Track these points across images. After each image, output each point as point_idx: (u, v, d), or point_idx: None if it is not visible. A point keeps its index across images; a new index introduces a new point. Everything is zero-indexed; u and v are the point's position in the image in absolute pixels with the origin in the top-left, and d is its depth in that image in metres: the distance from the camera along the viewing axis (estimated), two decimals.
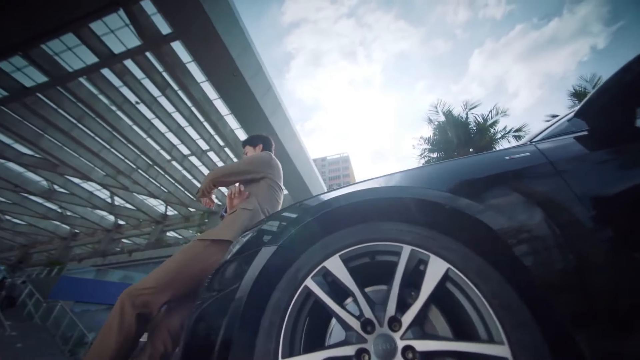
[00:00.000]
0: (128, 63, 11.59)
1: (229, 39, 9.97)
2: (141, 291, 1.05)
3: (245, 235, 0.80)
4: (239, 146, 15.29)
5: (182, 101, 13.12)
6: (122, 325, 0.98)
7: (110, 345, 0.95)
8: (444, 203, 0.57)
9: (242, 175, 1.48)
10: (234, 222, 1.23)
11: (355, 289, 0.54)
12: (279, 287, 0.58)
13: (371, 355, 0.47)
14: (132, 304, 1.02)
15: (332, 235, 0.63)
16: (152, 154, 15.36)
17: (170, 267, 1.12)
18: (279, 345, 0.50)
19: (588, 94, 0.76)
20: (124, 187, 17.89)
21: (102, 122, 13.87)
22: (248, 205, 1.32)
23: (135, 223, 22.67)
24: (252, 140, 1.86)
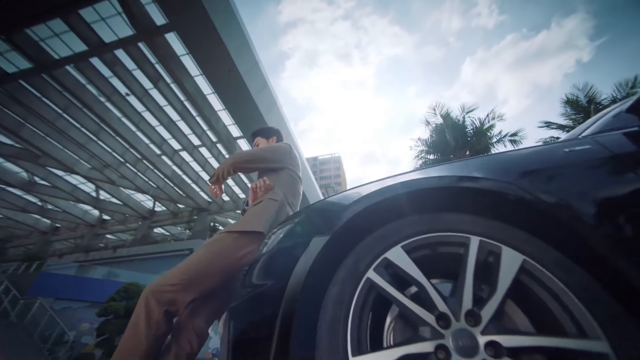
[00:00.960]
0: (119, 53, 11.21)
1: (225, 33, 9.80)
2: (166, 288, 0.98)
3: (287, 224, 0.76)
4: (232, 142, 15.07)
5: (174, 94, 12.80)
6: (150, 323, 0.92)
7: (141, 344, 0.89)
8: (513, 194, 0.55)
9: (263, 163, 1.42)
10: (261, 213, 1.18)
11: (424, 281, 0.51)
12: (336, 279, 0.54)
13: (451, 351, 0.44)
14: (158, 301, 0.96)
15: (390, 225, 0.60)
16: (141, 148, 14.92)
17: (196, 262, 1.05)
18: (346, 341, 0.46)
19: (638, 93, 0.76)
20: (111, 181, 17.32)
21: (89, 113, 13.38)
22: (274, 196, 1.27)
23: (121, 218, 21.99)
24: (264, 131, 1.78)
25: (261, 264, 0.68)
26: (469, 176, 0.60)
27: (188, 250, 17.07)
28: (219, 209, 20.26)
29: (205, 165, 16.60)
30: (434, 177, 0.64)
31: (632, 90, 5.69)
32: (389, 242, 0.56)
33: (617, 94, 5.91)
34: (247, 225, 1.12)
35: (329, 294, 0.53)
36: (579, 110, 6.25)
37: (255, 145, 1.73)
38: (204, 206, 19.82)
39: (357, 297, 0.51)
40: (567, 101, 6.40)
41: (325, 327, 0.48)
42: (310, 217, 0.71)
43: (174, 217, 20.57)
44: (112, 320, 9.46)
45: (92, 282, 14.34)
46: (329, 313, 0.50)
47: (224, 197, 20.15)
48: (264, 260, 0.68)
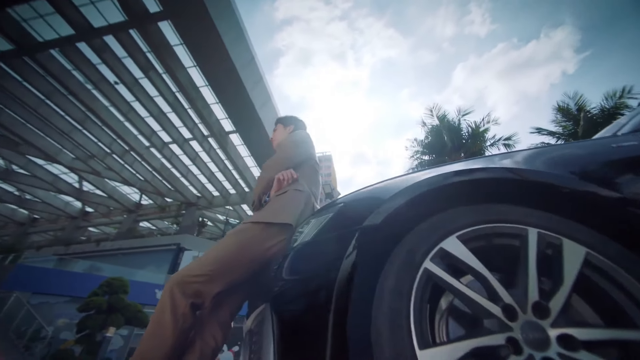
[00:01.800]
0: (109, 39, 10.80)
1: (222, 24, 9.58)
2: (192, 279, 0.94)
3: (325, 214, 0.72)
4: (224, 137, 14.82)
5: (166, 85, 12.44)
6: (176, 316, 0.87)
7: (167, 339, 0.84)
8: (571, 187, 0.54)
9: (292, 162, 1.37)
10: (288, 205, 1.14)
11: (486, 272, 0.49)
12: (390, 269, 0.52)
13: (521, 344, 0.42)
14: (183, 292, 0.91)
15: (442, 215, 0.58)
16: (129, 139, 14.46)
17: (222, 252, 1.00)
18: (411, 334, 0.44)
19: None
20: (95, 172, 16.71)
21: (74, 100, 12.84)
22: (299, 187, 1.24)
23: (105, 211, 21.27)
24: (284, 119, 1.75)
25: (304, 254, 0.65)
26: (523, 168, 0.59)
27: (175, 246, 16.71)
28: (209, 204, 19.90)
29: (196, 159, 16.25)
30: (493, 168, 0.62)
31: (619, 100, 5.96)
32: (443, 232, 0.54)
33: (606, 104, 6.17)
34: (275, 216, 1.08)
35: (385, 284, 0.50)
36: (569, 117, 6.51)
37: (274, 131, 1.71)
38: (192, 201, 19.42)
39: (415, 288, 0.48)
40: (559, 108, 6.65)
41: (384, 319, 0.46)
42: (353, 207, 0.68)
43: (161, 211, 20.07)
44: (94, 316, 9.15)
45: (72, 276, 13.82)
46: (386, 305, 0.47)
47: (214, 193, 19.81)
48: (307, 250, 0.65)
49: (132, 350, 11.71)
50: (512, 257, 0.53)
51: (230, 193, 19.80)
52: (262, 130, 13.72)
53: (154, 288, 13.38)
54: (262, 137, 14.03)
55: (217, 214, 22.58)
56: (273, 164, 1.34)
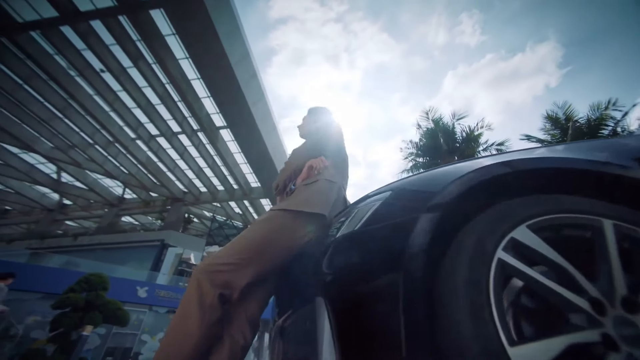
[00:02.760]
0: (96, 25, 10.32)
1: (217, 16, 9.35)
2: (220, 267, 0.87)
3: (374, 201, 0.68)
4: (214, 132, 14.50)
5: (155, 76, 12.03)
6: (203, 308, 0.80)
7: (193, 333, 0.77)
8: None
9: (325, 150, 1.32)
10: (320, 194, 1.08)
11: (566, 264, 0.46)
12: (459, 260, 0.48)
13: (617, 341, 0.39)
14: (211, 282, 0.84)
15: (509, 203, 0.55)
16: (114, 130, 13.89)
17: (252, 240, 0.94)
18: (497, 330, 0.40)
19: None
20: (76, 163, 15.96)
21: (55, 87, 12.20)
22: (331, 177, 1.19)
23: (84, 204, 20.35)
24: (313, 110, 1.68)
25: (357, 244, 0.61)
26: (596, 160, 0.57)
27: (159, 242, 16.20)
28: (195, 200, 19.42)
29: (184, 153, 15.81)
30: (551, 158, 0.60)
31: (605, 112, 6.27)
32: (512, 221, 0.51)
33: (592, 114, 6.48)
34: (307, 205, 1.02)
35: (457, 276, 0.46)
36: (558, 126, 6.80)
37: (303, 119, 1.64)
38: (179, 196, 18.89)
39: (492, 279, 0.45)
40: (548, 117, 6.93)
41: (463, 314, 0.42)
42: (408, 194, 0.64)
43: (145, 206, 19.39)
44: (69, 313, 8.69)
45: (46, 272, 13.10)
46: (463, 297, 0.43)
47: (201, 189, 19.36)
48: (361, 239, 0.61)
49: (109, 350, 11.29)
50: (581, 250, 0.50)
51: (218, 190, 19.41)
52: (254, 127, 13.51)
53: (135, 285, 12.90)
54: (253, 134, 13.83)
55: (203, 210, 22.08)
56: (303, 151, 1.29)
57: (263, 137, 14.11)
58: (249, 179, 18.30)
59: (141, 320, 13.10)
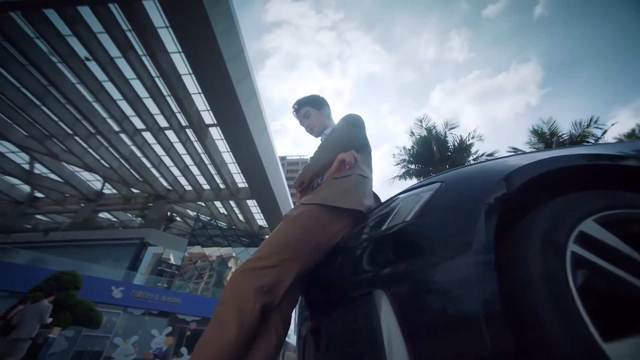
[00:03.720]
0: (84, 11, 9.90)
1: (214, 12, 9.20)
2: (262, 271, 0.81)
3: (425, 191, 0.67)
4: (203, 129, 14.17)
5: (145, 69, 11.66)
6: (242, 319, 0.74)
7: (228, 341, 0.71)
8: None
9: (354, 144, 1.27)
10: (354, 189, 1.05)
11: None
12: (528, 252, 0.47)
13: None
14: (253, 287, 0.78)
15: (574, 196, 0.54)
16: (97, 121, 13.29)
17: (289, 237, 0.89)
18: (586, 325, 0.39)
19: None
20: (53, 154, 15.11)
21: (34, 72, 11.56)
22: (363, 172, 1.16)
23: (58, 198, 19.25)
24: (314, 101, 1.53)
25: (413, 236, 0.59)
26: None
27: (138, 240, 15.54)
28: (179, 199, 18.82)
29: (170, 149, 15.34)
30: (615, 154, 0.59)
31: (587, 129, 6.67)
32: (579, 213, 0.50)
33: (574, 131, 6.87)
34: (341, 200, 0.98)
35: (531, 269, 0.45)
36: (543, 140, 7.16)
37: (305, 117, 1.51)
38: (162, 193, 18.25)
39: (570, 273, 0.43)
40: (534, 131, 7.29)
41: (547, 308, 0.40)
42: (464, 184, 0.63)
43: (125, 202, 18.60)
44: None
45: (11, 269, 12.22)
46: (543, 291, 0.42)
47: (186, 187, 18.81)
48: (418, 231, 0.59)
49: (76, 354, 10.60)
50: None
51: (204, 188, 18.92)
52: (245, 126, 13.30)
53: (110, 285, 12.27)
54: (244, 133, 13.60)
55: (187, 209, 21.44)
56: (332, 144, 1.22)
57: (253, 137, 13.91)
58: (236, 179, 17.96)
59: (114, 322, 12.43)
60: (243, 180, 17.52)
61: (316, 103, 1.53)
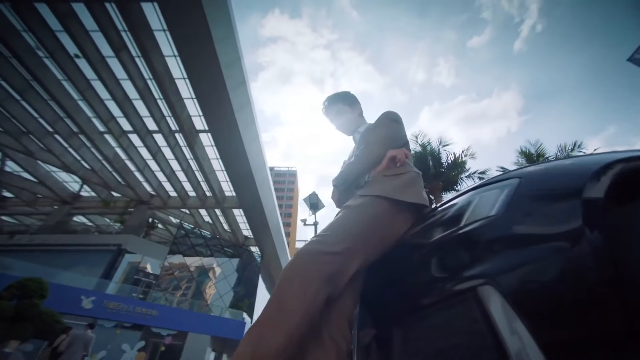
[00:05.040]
0: (78, 7, 9.69)
1: (213, 18, 9.23)
2: (328, 257, 0.75)
3: (500, 187, 0.65)
4: (193, 135, 13.89)
5: (137, 70, 11.42)
6: (306, 300, 0.67)
7: (291, 326, 0.63)
8: None
9: (399, 141, 1.24)
10: (414, 185, 1.02)
11: None
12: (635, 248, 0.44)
13: None
14: (318, 272, 0.71)
15: None
16: (80, 120, 12.75)
17: (355, 226, 0.83)
18: None
19: None
20: (28, 151, 14.29)
21: (16, 65, 11.07)
22: (415, 169, 1.14)
23: (29, 198, 18.06)
24: (346, 98, 1.48)
25: (510, 230, 0.55)
26: None
27: (115, 246, 14.69)
28: (162, 205, 18.10)
29: (157, 153, 14.87)
30: None
31: (571, 152, 7.05)
32: None
33: (559, 154, 7.25)
34: (407, 194, 0.93)
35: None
36: (530, 161, 7.48)
37: (338, 115, 1.46)
38: (144, 198, 17.51)
39: None
40: (522, 152, 7.64)
41: None
42: (551, 179, 0.60)
43: (104, 206, 17.66)
44: None
45: None
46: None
47: (170, 192, 18.17)
48: (524, 222, 0.55)
49: None
50: None
51: (189, 195, 18.34)
52: (236, 134, 13.14)
53: (80, 294, 11.41)
54: (235, 141, 13.43)
55: (170, 216, 20.63)
56: (381, 141, 1.17)
57: (244, 145, 13.74)
58: (223, 187, 17.56)
59: None
60: (231, 189, 17.15)
61: (349, 100, 1.49)
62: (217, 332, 14.41)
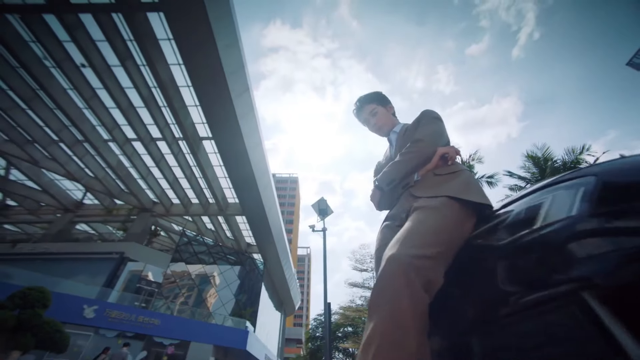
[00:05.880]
0: (86, 18, 9.87)
1: (219, 29, 9.37)
2: (423, 261, 0.71)
3: (574, 184, 0.61)
4: (197, 142, 13.95)
5: (142, 78, 11.55)
6: (416, 313, 0.62)
7: (411, 349, 0.58)
8: None
9: (445, 139, 1.22)
10: (474, 184, 0.98)
11: None
12: None
13: None
14: (418, 277, 0.67)
15: None
16: (85, 129, 12.85)
17: (438, 229, 0.80)
18: None
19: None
20: (33, 160, 14.36)
21: (24, 75, 11.22)
22: (463, 166, 1.11)
23: (33, 207, 18.08)
24: (378, 98, 1.47)
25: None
26: None
27: (117, 254, 14.60)
28: (165, 212, 18.06)
29: (160, 161, 14.91)
30: None
31: (580, 156, 7.00)
32: None
33: (567, 157, 7.20)
34: (472, 194, 0.90)
35: None
36: (537, 165, 7.43)
37: (372, 115, 1.43)
38: (147, 206, 17.49)
39: None
40: (529, 156, 7.58)
41: None
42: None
43: (107, 214, 17.64)
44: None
45: None
46: None
47: (173, 200, 18.15)
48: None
49: None
50: None
51: (192, 202, 18.31)
52: (240, 141, 13.19)
53: (82, 303, 11.29)
54: (238, 148, 13.47)
55: (173, 223, 20.56)
56: (430, 138, 1.13)
57: (247, 152, 13.78)
58: (226, 194, 17.54)
59: (82, 346, 11.31)
60: (234, 196, 17.12)
61: (382, 100, 1.47)
62: (220, 341, 14.17)
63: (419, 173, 1.11)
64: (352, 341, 19.22)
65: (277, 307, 29.34)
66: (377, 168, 1.47)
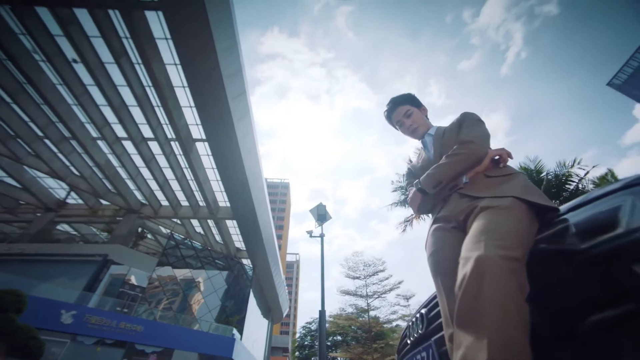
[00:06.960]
0: (81, 13, 9.66)
1: (218, 30, 9.33)
2: (514, 265, 0.66)
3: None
4: (189, 143, 13.71)
5: (137, 77, 11.33)
6: (521, 317, 0.59)
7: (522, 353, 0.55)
8: None
9: (488, 140, 1.19)
10: (533, 186, 0.95)
11: None
12: None
13: None
14: (516, 283, 0.64)
15: None
16: (73, 125, 12.43)
17: (518, 229, 0.76)
18: None
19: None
20: (14, 156, 13.75)
21: (11, 67, 10.81)
22: (516, 169, 1.08)
23: (11, 205, 17.22)
24: (412, 99, 1.45)
25: None
26: None
27: (100, 257, 14.01)
28: (153, 214, 17.54)
29: (151, 161, 14.54)
30: None
31: (571, 169, 7.23)
32: None
33: (558, 170, 7.42)
34: (538, 197, 0.87)
35: None
36: (529, 177, 7.60)
37: (407, 116, 1.40)
38: (135, 207, 16.94)
39: None
40: (522, 168, 7.75)
41: None
42: None
43: (91, 214, 16.97)
44: None
45: None
46: None
47: (162, 202, 17.67)
48: None
49: None
50: None
51: (182, 205, 17.87)
52: (234, 144, 13.04)
53: (60, 308, 10.71)
54: (232, 151, 13.30)
55: (160, 226, 19.97)
56: (481, 140, 1.10)
57: (242, 155, 13.62)
58: (217, 197, 17.22)
59: (56, 354, 10.67)
60: (225, 199, 16.82)
61: (415, 101, 1.44)
62: (205, 349, 13.67)
63: (467, 175, 1.08)
64: (342, 350, 18.93)
65: (264, 314, 28.70)
66: (410, 172, 1.43)
